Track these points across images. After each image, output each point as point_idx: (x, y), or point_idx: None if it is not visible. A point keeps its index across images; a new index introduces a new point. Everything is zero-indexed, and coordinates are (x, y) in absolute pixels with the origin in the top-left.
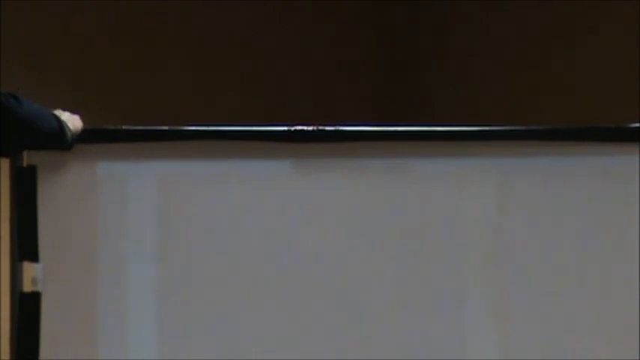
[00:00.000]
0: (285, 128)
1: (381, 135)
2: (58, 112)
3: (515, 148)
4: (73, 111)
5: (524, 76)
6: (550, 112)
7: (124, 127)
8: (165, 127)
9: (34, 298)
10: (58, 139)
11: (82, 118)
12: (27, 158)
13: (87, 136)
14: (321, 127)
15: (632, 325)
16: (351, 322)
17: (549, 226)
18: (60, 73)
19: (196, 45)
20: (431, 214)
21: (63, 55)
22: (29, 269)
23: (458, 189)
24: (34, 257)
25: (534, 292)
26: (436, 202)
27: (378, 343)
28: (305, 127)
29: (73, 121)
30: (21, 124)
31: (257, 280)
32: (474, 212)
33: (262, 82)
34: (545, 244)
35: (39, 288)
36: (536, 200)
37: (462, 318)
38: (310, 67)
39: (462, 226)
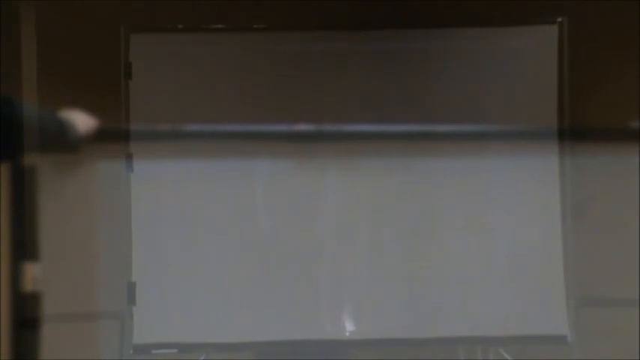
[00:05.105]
0: (285, 128)
1: (381, 135)
2: (71, 113)
3: (515, 147)
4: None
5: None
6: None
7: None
8: (166, 127)
9: (34, 298)
10: (61, 140)
11: None
12: (27, 158)
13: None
14: (321, 127)
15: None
16: (349, 321)
17: (549, 225)
18: (60, 73)
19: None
20: (431, 213)
21: (63, 55)
22: (29, 269)
23: (458, 188)
24: (34, 257)
25: (534, 290)
26: (436, 202)
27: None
28: (305, 127)
29: (85, 122)
30: (20, 128)
31: (257, 277)
32: (473, 211)
33: (262, 82)
34: (545, 243)
35: (39, 288)
36: (536, 200)
37: (462, 316)
38: (310, 67)
39: (461, 226)
